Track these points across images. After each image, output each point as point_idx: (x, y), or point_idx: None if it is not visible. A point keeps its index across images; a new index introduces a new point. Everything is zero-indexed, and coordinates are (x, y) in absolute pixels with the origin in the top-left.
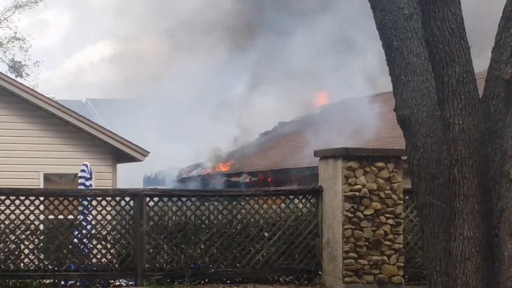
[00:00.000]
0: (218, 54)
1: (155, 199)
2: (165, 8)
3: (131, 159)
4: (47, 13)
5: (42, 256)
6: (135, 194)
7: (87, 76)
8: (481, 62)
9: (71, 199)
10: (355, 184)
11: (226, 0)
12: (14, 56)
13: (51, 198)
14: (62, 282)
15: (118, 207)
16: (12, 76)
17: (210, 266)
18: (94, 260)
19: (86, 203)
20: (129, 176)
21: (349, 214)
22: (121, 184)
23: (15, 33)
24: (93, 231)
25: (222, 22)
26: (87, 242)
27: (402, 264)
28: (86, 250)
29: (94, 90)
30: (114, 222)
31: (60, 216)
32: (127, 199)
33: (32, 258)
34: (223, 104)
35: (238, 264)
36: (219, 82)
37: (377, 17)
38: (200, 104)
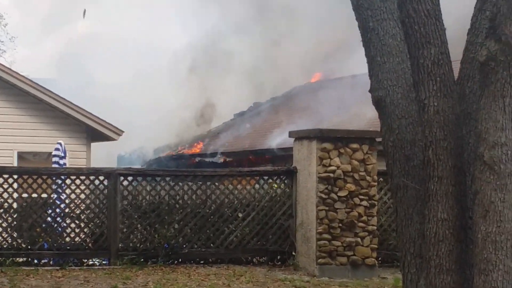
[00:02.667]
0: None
1: (129, 178)
2: None
3: (106, 138)
4: None
5: (15, 235)
6: (109, 173)
7: (64, 55)
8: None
9: (45, 177)
10: (330, 165)
11: None
12: None
13: (25, 176)
14: (35, 261)
15: (92, 186)
16: None
17: (184, 246)
18: (67, 239)
19: (60, 181)
20: (103, 156)
21: (323, 196)
22: (95, 164)
23: None
24: (66, 210)
25: None
26: (60, 221)
27: (375, 246)
28: (60, 229)
29: (70, 68)
30: (88, 201)
31: (34, 195)
32: (101, 178)
33: (5, 236)
34: (200, 82)
35: (211, 245)
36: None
37: None
38: (175, 81)
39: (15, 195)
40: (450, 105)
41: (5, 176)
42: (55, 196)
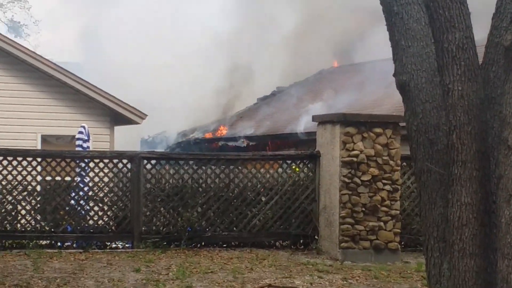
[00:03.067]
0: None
1: (153, 161)
2: None
3: (129, 121)
4: None
5: (39, 217)
6: (132, 157)
7: (87, 39)
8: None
9: (68, 160)
10: (353, 149)
11: None
12: (13, 16)
13: (49, 159)
14: (59, 243)
15: (115, 170)
16: (11, 36)
17: (207, 229)
18: (90, 222)
19: (83, 164)
20: (126, 139)
21: (346, 180)
22: (118, 147)
23: None
24: (90, 193)
25: None
26: (84, 204)
27: (398, 230)
28: (83, 212)
29: (94, 52)
30: (111, 184)
31: (58, 178)
32: (125, 161)
33: (29, 219)
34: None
35: (234, 228)
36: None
37: None
38: (201, 67)
39: (39, 178)
40: (474, 90)
41: (29, 159)
42: (79, 179)
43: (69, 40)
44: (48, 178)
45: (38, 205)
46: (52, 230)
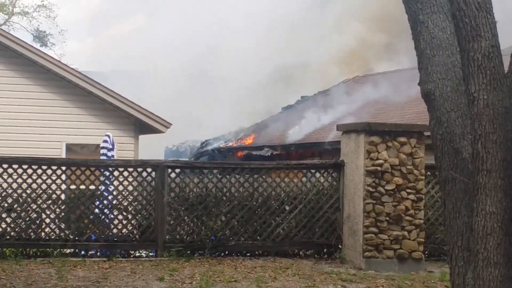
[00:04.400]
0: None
1: (177, 170)
2: None
3: (154, 130)
4: None
5: (63, 226)
6: (157, 165)
7: (113, 48)
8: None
9: (93, 169)
10: (377, 158)
11: None
12: (39, 25)
13: (73, 168)
14: (83, 252)
15: (139, 178)
16: (37, 45)
17: (231, 238)
18: (114, 231)
19: (107, 173)
20: (151, 148)
21: (371, 189)
22: (143, 156)
23: (42, 1)
24: (114, 202)
25: None
26: (108, 212)
27: (422, 240)
28: (107, 221)
29: (119, 62)
30: (135, 193)
31: (82, 186)
32: (149, 170)
33: (53, 228)
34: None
35: (258, 237)
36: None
37: None
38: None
39: (63, 186)
40: (500, 98)
41: (54, 167)
42: (103, 187)
43: (94, 49)
44: (73, 186)
45: (63, 214)
46: (76, 238)
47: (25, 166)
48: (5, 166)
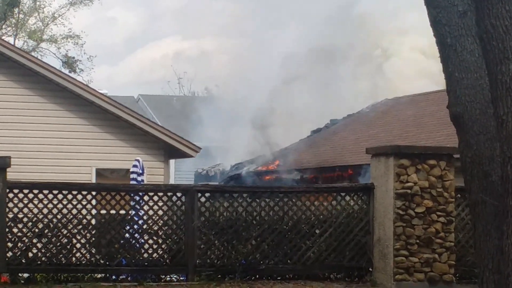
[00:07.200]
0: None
1: (207, 194)
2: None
3: (183, 155)
4: (112, 11)
5: (93, 251)
6: (186, 190)
7: (145, 73)
8: None
9: (123, 194)
10: (407, 181)
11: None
12: (67, 52)
13: (103, 193)
14: (113, 277)
15: (169, 203)
16: (66, 71)
17: (261, 262)
18: (145, 255)
19: (138, 198)
20: (181, 172)
21: (401, 212)
22: (173, 180)
23: (70, 30)
24: (144, 226)
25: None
26: (138, 237)
27: (453, 262)
28: (138, 245)
29: (152, 87)
30: (165, 217)
31: (112, 211)
32: (179, 194)
33: (83, 253)
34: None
35: (289, 261)
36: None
37: (431, 14)
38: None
39: (94, 211)
40: None
41: (84, 192)
42: (133, 212)
43: (124, 74)
44: (103, 211)
45: (93, 239)
46: (107, 263)
47: (55, 191)
48: (35, 191)
